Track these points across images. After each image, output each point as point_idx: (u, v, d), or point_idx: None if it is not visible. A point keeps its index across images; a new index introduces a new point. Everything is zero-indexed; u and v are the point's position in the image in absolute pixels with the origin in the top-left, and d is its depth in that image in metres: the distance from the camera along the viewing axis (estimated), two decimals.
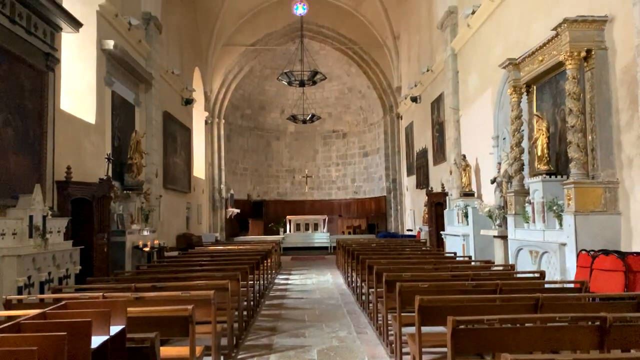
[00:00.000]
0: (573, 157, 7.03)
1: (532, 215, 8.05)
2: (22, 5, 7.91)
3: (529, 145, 9.00)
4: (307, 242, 22.05)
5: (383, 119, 25.41)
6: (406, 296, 5.00)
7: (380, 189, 25.92)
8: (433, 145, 17.79)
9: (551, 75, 8.40)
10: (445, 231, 14.22)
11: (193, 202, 21.36)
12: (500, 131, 11.69)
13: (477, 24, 12.75)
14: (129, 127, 13.67)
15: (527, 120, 9.16)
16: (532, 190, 8.10)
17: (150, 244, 12.86)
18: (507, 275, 6.81)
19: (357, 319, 7.86)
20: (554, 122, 8.47)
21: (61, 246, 8.13)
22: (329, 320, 7.73)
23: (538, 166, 8.24)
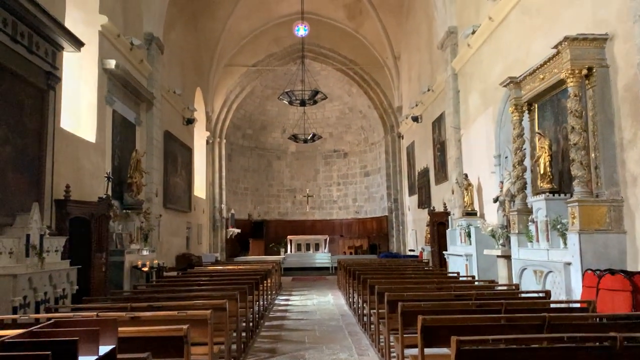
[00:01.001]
0: (576, 175, 6.95)
1: (535, 235, 7.93)
2: (24, 24, 7.95)
3: (532, 164, 8.93)
4: (308, 262, 21.86)
5: (384, 138, 25.43)
6: (408, 316, 4.86)
7: (382, 208, 25.80)
8: (435, 164, 17.74)
9: (553, 94, 8.38)
10: (447, 251, 14.06)
11: (193, 221, 21.25)
12: (502, 150, 11.64)
13: (477, 43, 12.81)
14: (130, 146, 13.66)
15: (529, 139, 9.11)
16: (535, 209, 8.01)
17: (150, 264, 12.71)
18: (512, 295, 6.66)
19: (358, 340, 7.69)
20: (556, 140, 8.42)
21: (58, 265, 8.02)
22: (330, 342, 7.56)
23: (541, 184, 8.15)
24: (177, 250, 18.76)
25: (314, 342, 7.58)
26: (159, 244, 15.59)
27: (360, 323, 9.00)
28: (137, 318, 4.55)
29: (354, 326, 8.89)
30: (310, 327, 8.84)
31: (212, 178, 24.39)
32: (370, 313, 7.70)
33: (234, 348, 6.27)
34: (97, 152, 11.66)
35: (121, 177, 12.93)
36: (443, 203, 16.02)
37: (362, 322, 8.76)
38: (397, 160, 24.50)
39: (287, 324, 9.28)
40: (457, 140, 14.70)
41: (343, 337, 7.92)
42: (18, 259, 7.08)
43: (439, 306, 5.20)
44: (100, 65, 11.80)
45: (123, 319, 4.37)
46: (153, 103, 15.13)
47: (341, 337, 7.93)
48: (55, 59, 9.00)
